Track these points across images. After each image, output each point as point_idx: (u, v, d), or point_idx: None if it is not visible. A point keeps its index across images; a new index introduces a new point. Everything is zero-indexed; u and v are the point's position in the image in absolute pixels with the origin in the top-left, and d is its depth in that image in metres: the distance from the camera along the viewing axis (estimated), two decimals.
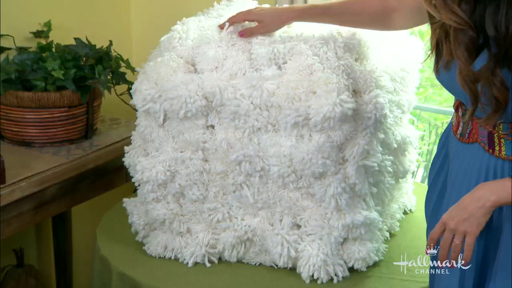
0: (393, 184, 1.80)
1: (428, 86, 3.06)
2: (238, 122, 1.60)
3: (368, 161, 1.60)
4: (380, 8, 1.60)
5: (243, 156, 1.61)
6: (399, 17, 1.59)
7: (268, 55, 1.62)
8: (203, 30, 1.73)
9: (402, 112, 1.79)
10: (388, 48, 1.77)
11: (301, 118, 1.55)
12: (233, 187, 1.66)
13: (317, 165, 1.56)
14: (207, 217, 1.70)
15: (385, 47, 1.76)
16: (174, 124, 1.65)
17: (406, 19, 1.59)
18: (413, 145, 1.86)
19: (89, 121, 2.06)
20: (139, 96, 1.64)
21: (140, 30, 2.54)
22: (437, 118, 3.05)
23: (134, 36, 2.55)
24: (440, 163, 1.49)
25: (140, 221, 1.77)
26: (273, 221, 1.67)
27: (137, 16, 2.53)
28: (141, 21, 2.53)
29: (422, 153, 2.96)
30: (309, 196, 1.63)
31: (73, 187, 1.97)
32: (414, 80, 1.83)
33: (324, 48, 1.62)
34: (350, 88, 1.57)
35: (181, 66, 1.65)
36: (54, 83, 1.95)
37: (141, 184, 1.71)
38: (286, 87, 1.56)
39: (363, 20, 1.64)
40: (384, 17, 1.60)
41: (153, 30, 2.21)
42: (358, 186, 1.60)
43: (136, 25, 2.54)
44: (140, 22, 2.53)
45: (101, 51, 2.06)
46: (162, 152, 1.68)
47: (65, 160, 1.94)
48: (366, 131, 1.59)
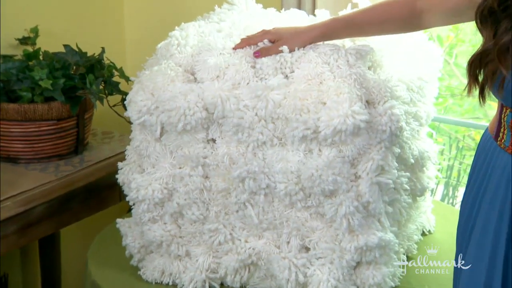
0: (410, 203, 1.80)
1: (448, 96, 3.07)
2: (241, 135, 1.61)
3: (382, 178, 1.61)
4: (407, 12, 1.60)
5: (246, 173, 1.61)
6: (430, 17, 1.58)
7: (274, 63, 1.63)
8: (203, 36, 1.75)
9: (419, 124, 1.79)
10: (404, 55, 1.77)
11: (309, 131, 1.56)
12: (236, 206, 1.66)
13: (327, 182, 1.57)
14: (207, 239, 1.70)
15: (400, 54, 1.77)
16: (172, 138, 1.66)
17: (438, 19, 1.58)
18: (432, 161, 1.86)
19: (79, 135, 2.07)
20: (134, 107, 1.65)
21: (134, 36, 2.55)
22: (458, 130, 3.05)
23: (128, 42, 2.56)
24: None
25: (135, 244, 1.77)
26: (280, 243, 1.67)
27: (131, 21, 2.55)
28: (135, 27, 2.55)
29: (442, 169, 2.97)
30: (318, 216, 1.64)
31: (62, 207, 1.98)
32: (432, 89, 1.84)
33: (335, 56, 1.63)
34: (363, 98, 1.58)
35: (179, 75, 1.66)
36: (41, 93, 1.96)
37: (136, 203, 1.72)
38: (293, 97, 1.57)
39: (389, 28, 1.64)
40: (412, 20, 1.60)
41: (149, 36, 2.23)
42: (372, 205, 1.61)
43: (131, 31, 2.56)
44: (135, 27, 2.55)
45: (92, 59, 2.07)
46: (159, 168, 1.69)
47: (54, 177, 1.95)
48: (381, 145, 1.60)
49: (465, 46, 3.21)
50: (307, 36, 1.65)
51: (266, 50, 1.65)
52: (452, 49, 3.20)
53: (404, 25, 1.63)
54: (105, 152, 2.13)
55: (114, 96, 2.11)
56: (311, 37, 1.65)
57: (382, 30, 1.66)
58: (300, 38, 1.66)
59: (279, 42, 1.65)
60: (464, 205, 1.50)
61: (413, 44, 1.83)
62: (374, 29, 1.65)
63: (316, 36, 1.65)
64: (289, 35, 1.66)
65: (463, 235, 1.48)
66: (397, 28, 1.65)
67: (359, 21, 1.64)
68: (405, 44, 1.80)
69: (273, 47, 1.65)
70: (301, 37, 1.66)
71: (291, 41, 1.65)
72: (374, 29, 1.65)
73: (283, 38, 1.66)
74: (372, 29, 1.65)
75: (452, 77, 3.19)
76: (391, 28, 1.64)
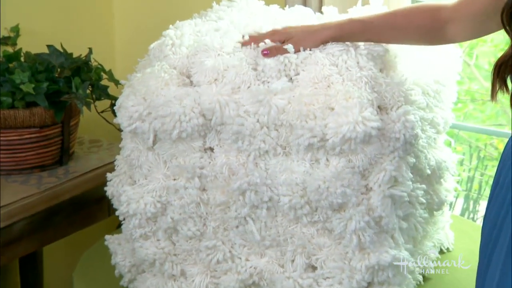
0: (426, 218, 1.80)
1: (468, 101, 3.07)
2: (241, 144, 1.62)
3: (396, 190, 1.61)
4: (429, 21, 1.60)
5: (247, 185, 1.62)
6: (456, 28, 1.59)
7: (277, 65, 1.64)
8: (200, 35, 1.75)
9: (436, 131, 1.80)
10: (419, 56, 1.78)
11: (316, 139, 1.57)
12: (235, 222, 1.67)
13: (336, 195, 1.57)
14: (204, 257, 1.71)
15: (416, 55, 1.78)
16: (166, 147, 1.67)
17: (466, 29, 1.59)
18: (450, 171, 1.87)
19: (64, 144, 2.07)
20: (124, 113, 1.66)
21: (125, 36, 2.56)
22: (479, 139, 3.06)
23: (118, 42, 2.57)
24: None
25: (125, 262, 1.78)
26: (284, 262, 1.68)
27: (121, 19, 2.55)
28: (126, 25, 2.55)
29: (462, 180, 2.97)
30: (326, 232, 1.64)
31: (45, 223, 1.98)
32: (450, 94, 1.85)
33: (344, 57, 1.64)
34: (374, 103, 1.59)
35: (174, 78, 1.67)
36: (23, 98, 1.97)
37: (127, 218, 1.73)
38: (298, 102, 1.58)
39: (411, 36, 1.65)
40: (436, 31, 1.61)
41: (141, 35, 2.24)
42: (385, 220, 1.61)
43: (121, 30, 2.56)
44: (125, 25, 2.55)
45: (79, 60, 2.08)
46: (152, 180, 1.69)
47: (36, 190, 1.95)
48: (394, 154, 1.60)
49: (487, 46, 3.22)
50: (320, 36, 1.66)
51: (276, 49, 1.65)
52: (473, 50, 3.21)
53: (427, 35, 1.63)
54: (93, 162, 2.13)
55: (102, 101, 2.11)
56: (324, 37, 1.65)
57: (403, 37, 1.66)
58: (313, 38, 1.66)
59: (291, 40, 1.66)
60: (486, 222, 1.50)
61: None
62: (394, 35, 1.66)
63: (330, 36, 1.65)
64: (300, 34, 1.67)
65: (483, 254, 1.47)
66: (419, 38, 1.65)
67: (378, 25, 1.65)
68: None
69: (284, 47, 1.65)
70: (314, 36, 1.66)
71: (302, 41, 1.66)
72: (394, 35, 1.66)
73: (294, 38, 1.66)
74: (392, 35, 1.66)
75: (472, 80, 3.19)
76: (412, 36, 1.65)
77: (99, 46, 2.31)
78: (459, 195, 2.86)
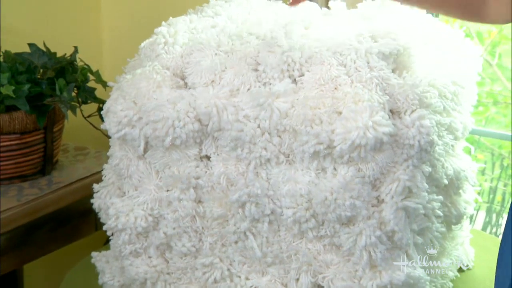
0: (443, 232, 1.81)
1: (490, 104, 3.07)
2: (241, 151, 1.62)
3: (410, 202, 1.62)
4: None
5: (247, 196, 1.63)
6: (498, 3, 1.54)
7: (280, 65, 1.64)
8: (195, 33, 1.76)
9: (454, 138, 1.80)
10: (436, 55, 1.79)
11: (322, 146, 1.57)
12: (234, 236, 1.67)
13: (344, 207, 1.58)
14: (201, 275, 1.71)
15: (432, 53, 1.78)
16: (158, 155, 1.67)
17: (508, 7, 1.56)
18: (470, 182, 1.87)
19: (47, 152, 2.08)
20: (113, 118, 1.66)
21: (113, 34, 2.56)
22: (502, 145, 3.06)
23: (106, 41, 2.58)
24: None
25: (114, 282, 1.78)
26: (287, 281, 1.68)
27: (109, 15, 2.56)
28: (115, 22, 2.56)
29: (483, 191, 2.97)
30: (333, 248, 1.64)
31: (25, 238, 1.98)
32: (470, 96, 1.85)
33: (353, 56, 1.64)
34: (386, 107, 1.59)
35: (167, 79, 1.68)
36: (2, 102, 1.97)
37: (115, 233, 1.73)
38: (303, 106, 1.59)
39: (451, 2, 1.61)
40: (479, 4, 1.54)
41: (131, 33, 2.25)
42: (398, 235, 1.61)
43: (108, 27, 2.57)
44: (114, 22, 2.56)
45: (63, 60, 2.08)
46: (143, 191, 1.70)
47: (16, 203, 1.96)
48: (408, 163, 1.61)
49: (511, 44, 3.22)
50: None
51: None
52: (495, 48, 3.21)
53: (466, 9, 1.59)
54: (78, 172, 2.14)
55: (89, 105, 2.12)
56: None
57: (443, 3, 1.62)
58: None
59: None
60: (506, 237, 1.50)
61: (447, 42, 1.84)
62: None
63: None
64: None
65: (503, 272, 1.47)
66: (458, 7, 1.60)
67: None
68: (437, 42, 1.81)
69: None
70: None
71: None
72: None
73: None
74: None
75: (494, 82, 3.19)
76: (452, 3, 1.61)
77: (86, 44, 2.32)
78: (480, 208, 2.86)
